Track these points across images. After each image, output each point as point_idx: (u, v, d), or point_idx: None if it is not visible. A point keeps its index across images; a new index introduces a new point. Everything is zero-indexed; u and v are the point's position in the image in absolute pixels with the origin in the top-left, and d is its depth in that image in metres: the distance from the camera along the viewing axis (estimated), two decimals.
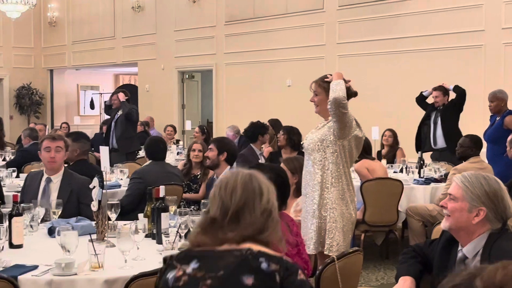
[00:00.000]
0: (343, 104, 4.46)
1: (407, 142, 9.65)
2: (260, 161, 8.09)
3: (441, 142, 9.08)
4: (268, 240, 2.35)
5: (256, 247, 2.31)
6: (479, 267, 1.50)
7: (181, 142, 13.64)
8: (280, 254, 2.32)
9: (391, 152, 9.51)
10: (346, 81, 4.66)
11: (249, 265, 2.25)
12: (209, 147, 6.23)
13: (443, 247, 3.15)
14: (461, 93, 8.95)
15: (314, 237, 4.62)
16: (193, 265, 2.32)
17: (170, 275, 2.34)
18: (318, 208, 4.62)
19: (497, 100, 8.17)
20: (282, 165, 5.20)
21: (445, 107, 9.03)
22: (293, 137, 7.69)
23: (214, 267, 2.28)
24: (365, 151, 7.34)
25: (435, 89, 9.12)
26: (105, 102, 12.58)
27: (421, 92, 9.45)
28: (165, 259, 2.43)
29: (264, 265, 2.24)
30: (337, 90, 4.47)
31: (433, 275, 3.18)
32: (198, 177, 7.24)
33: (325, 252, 4.56)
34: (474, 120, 9.25)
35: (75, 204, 5.07)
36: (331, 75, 4.71)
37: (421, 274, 3.21)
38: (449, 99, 9.09)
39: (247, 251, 2.29)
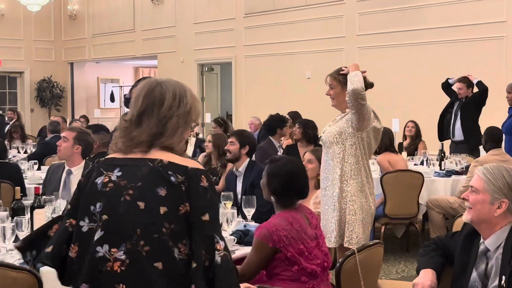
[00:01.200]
0: (362, 95, 4.43)
1: (427, 134, 9.60)
2: (278, 153, 8.08)
3: (458, 135, 9.05)
4: (167, 144, 2.53)
5: (166, 157, 2.49)
6: None
7: (200, 135, 13.66)
8: (187, 163, 2.48)
9: (413, 144, 9.45)
10: (361, 72, 4.64)
11: (161, 177, 2.44)
12: (230, 140, 6.16)
13: (465, 239, 3.13)
14: (483, 90, 8.87)
15: (335, 230, 4.61)
16: (117, 173, 2.51)
17: (99, 180, 2.51)
18: (338, 201, 4.61)
19: None
20: (308, 154, 5.22)
21: (467, 101, 8.97)
22: (309, 130, 7.63)
23: (134, 177, 2.47)
24: (389, 144, 7.31)
25: (459, 80, 9.06)
26: (124, 95, 12.60)
27: (447, 78, 9.38)
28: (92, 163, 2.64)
29: (172, 178, 2.43)
30: (355, 81, 4.44)
31: (454, 267, 3.16)
32: (218, 169, 7.22)
33: (345, 245, 4.54)
34: (495, 112, 9.17)
35: None
36: (346, 67, 4.68)
37: (442, 267, 3.19)
38: (473, 91, 9.03)
39: (158, 163, 2.47)
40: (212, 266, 2.40)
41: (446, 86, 9.38)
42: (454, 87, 9.21)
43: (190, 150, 10.07)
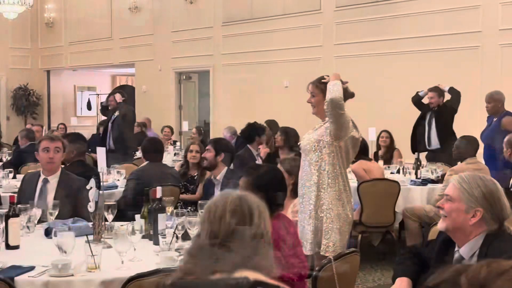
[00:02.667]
0: (340, 104, 4.47)
1: (403, 143, 9.64)
2: (257, 162, 8.09)
3: (435, 143, 9.10)
4: (259, 266, 2.17)
5: (251, 275, 2.11)
6: (465, 265, 1.55)
7: (178, 143, 13.63)
8: (276, 282, 2.15)
9: (388, 153, 9.51)
10: (343, 83, 4.67)
11: None
12: (207, 148, 6.26)
13: (440, 248, 3.15)
14: (456, 94, 8.96)
15: (310, 238, 4.63)
16: None
17: None
18: (314, 209, 4.63)
19: (494, 101, 8.19)
20: (279, 165, 5.20)
21: (440, 108, 9.04)
22: (291, 138, 7.70)
23: None
24: (362, 152, 7.35)
25: (430, 89, 9.14)
26: (101, 103, 12.59)
27: (417, 92, 9.44)
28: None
29: None
30: (333, 91, 4.49)
31: (429, 275, 3.17)
32: (195, 178, 7.24)
33: (321, 253, 4.56)
34: (471, 121, 9.25)
35: (71, 205, 5.07)
36: (328, 76, 4.72)
37: (417, 275, 3.21)
38: (444, 100, 9.10)
39: (244, 279, 2.08)
40: None
41: (417, 100, 9.44)
42: (425, 98, 9.27)
43: (168, 160, 10.03)
